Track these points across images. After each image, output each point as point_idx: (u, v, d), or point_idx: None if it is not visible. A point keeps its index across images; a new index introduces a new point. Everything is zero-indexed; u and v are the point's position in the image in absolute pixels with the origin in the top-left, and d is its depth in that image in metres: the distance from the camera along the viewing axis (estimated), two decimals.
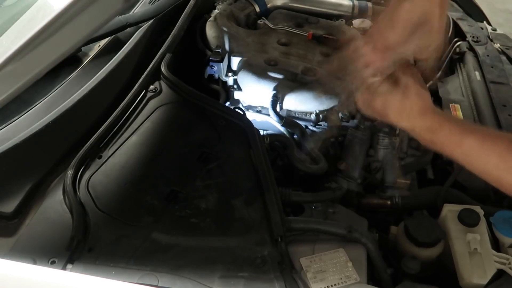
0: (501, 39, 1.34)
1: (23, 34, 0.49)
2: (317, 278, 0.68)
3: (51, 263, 0.65)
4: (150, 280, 0.64)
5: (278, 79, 1.06)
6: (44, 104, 0.89)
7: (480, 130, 0.64)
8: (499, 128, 0.99)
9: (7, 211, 0.72)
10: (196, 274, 0.65)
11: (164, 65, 0.96)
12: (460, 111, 1.07)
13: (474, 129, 0.62)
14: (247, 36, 1.17)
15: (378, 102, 0.65)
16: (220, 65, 1.09)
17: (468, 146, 0.59)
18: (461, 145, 0.59)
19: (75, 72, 0.98)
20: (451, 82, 1.20)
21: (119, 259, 0.67)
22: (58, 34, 0.49)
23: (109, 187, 0.77)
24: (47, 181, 0.78)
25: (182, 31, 1.09)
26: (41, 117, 0.83)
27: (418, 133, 0.64)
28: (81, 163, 0.78)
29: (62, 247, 0.67)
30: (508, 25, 2.79)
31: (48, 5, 0.52)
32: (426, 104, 0.64)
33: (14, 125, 0.84)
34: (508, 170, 0.56)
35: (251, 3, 1.30)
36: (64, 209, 0.72)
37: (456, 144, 0.60)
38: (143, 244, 0.69)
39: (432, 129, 0.62)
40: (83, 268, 0.65)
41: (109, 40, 1.08)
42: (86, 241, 0.69)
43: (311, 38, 1.18)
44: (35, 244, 0.69)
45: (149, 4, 1.20)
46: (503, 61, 1.24)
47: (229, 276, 0.66)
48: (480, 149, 0.58)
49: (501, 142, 0.57)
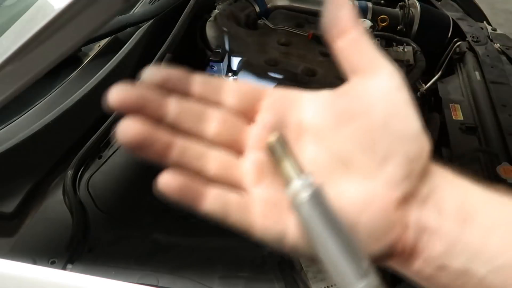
0: (501, 39, 1.34)
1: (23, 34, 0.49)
2: (317, 278, 0.68)
3: (51, 263, 0.65)
4: (150, 280, 0.64)
5: (278, 79, 1.06)
6: (44, 104, 0.89)
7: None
8: (499, 128, 0.99)
9: (7, 211, 0.71)
10: (196, 274, 0.65)
11: (164, 65, 0.96)
12: (460, 111, 1.07)
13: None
14: (247, 36, 1.17)
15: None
16: (220, 65, 1.09)
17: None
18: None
19: (75, 72, 0.98)
20: (451, 82, 1.20)
21: (119, 259, 0.67)
22: (58, 34, 0.49)
23: (109, 187, 0.77)
24: (47, 181, 0.78)
25: (182, 31, 1.09)
26: (41, 117, 0.83)
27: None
28: (81, 163, 0.78)
29: (62, 247, 0.67)
30: (508, 25, 2.79)
31: (48, 5, 0.52)
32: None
33: (14, 125, 0.84)
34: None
35: (251, 3, 1.30)
36: (64, 209, 0.72)
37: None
38: (143, 244, 0.69)
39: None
40: (83, 268, 0.65)
41: (109, 40, 1.07)
42: (86, 241, 0.69)
43: (311, 38, 1.18)
44: (35, 244, 0.69)
45: (149, 4, 1.20)
46: (503, 61, 1.23)
47: (229, 276, 0.66)
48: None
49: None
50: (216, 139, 0.28)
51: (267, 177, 0.27)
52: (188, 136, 0.27)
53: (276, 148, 0.26)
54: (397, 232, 0.26)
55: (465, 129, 1.00)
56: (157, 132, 0.26)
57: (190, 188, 0.26)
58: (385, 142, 0.26)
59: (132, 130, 0.26)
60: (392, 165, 0.26)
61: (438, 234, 0.26)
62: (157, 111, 0.26)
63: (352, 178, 0.26)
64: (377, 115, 0.26)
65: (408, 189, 0.26)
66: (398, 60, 1.16)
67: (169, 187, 0.26)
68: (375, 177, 0.26)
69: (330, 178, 0.27)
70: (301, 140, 0.28)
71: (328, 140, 0.27)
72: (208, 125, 0.27)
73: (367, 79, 0.27)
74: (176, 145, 0.26)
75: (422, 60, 1.17)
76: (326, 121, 0.27)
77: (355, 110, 0.27)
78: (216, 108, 0.28)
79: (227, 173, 0.27)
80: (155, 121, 0.26)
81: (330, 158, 0.27)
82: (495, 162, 0.88)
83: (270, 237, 0.27)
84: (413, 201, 0.26)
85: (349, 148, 0.27)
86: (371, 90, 0.27)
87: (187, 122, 0.27)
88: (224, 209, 0.27)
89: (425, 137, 0.26)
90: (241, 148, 0.28)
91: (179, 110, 0.27)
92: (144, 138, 0.26)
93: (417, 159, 0.26)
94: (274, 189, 0.27)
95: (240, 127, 0.28)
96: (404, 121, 0.26)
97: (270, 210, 0.27)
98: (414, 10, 1.30)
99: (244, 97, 0.28)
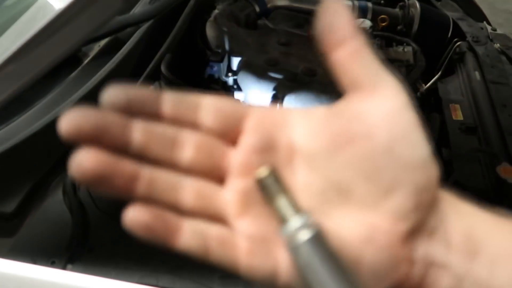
0: (501, 39, 1.34)
1: (23, 34, 0.49)
2: None
3: (51, 263, 0.65)
4: (150, 280, 0.64)
5: (278, 79, 1.06)
6: (44, 104, 0.89)
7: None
8: (499, 128, 0.99)
9: (7, 211, 0.71)
10: (196, 274, 0.65)
11: (164, 65, 0.96)
12: (460, 111, 1.07)
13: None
14: (247, 36, 1.17)
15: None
16: (220, 65, 1.09)
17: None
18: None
19: (75, 72, 0.98)
20: (451, 82, 1.20)
21: (119, 259, 0.67)
22: (58, 34, 0.49)
23: None
24: (47, 181, 0.78)
25: (182, 31, 1.09)
26: (41, 117, 0.83)
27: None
28: None
29: (62, 247, 0.67)
30: (508, 25, 2.79)
31: (48, 5, 0.52)
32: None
33: (14, 125, 0.84)
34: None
35: (251, 3, 1.30)
36: (64, 209, 0.72)
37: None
38: (143, 244, 0.69)
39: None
40: (83, 268, 0.65)
41: (109, 40, 1.07)
42: (86, 241, 0.69)
43: (311, 38, 1.18)
44: (35, 244, 0.69)
45: (149, 4, 1.20)
46: (503, 61, 1.23)
47: (229, 276, 0.66)
48: None
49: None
50: (192, 167, 0.24)
51: (252, 209, 0.24)
52: (159, 165, 0.23)
53: (268, 183, 0.23)
54: (404, 269, 0.23)
55: (465, 129, 1.00)
56: (118, 162, 0.22)
57: (162, 222, 0.23)
58: (390, 170, 0.23)
59: (88, 163, 0.23)
60: (398, 195, 0.23)
61: (446, 269, 0.23)
62: (120, 139, 0.23)
63: (352, 209, 0.23)
64: (380, 139, 0.23)
65: (416, 221, 0.23)
66: (398, 60, 1.16)
67: (137, 223, 0.23)
68: (379, 208, 0.23)
69: (325, 208, 0.24)
70: (292, 165, 0.24)
71: (324, 166, 0.24)
72: (181, 151, 0.24)
73: (368, 96, 0.24)
74: (142, 177, 0.23)
75: (422, 60, 1.18)
76: (321, 144, 0.24)
77: (354, 133, 0.23)
78: (191, 130, 0.24)
79: (206, 204, 0.24)
80: (117, 150, 0.23)
81: (326, 185, 0.24)
82: (495, 162, 0.88)
83: (258, 277, 0.24)
84: (420, 234, 0.23)
85: (348, 175, 0.23)
86: (373, 110, 0.23)
87: (156, 149, 0.23)
88: (203, 245, 0.23)
89: (434, 164, 0.24)
90: (222, 175, 0.24)
91: (146, 135, 0.23)
92: (102, 171, 0.22)
93: (426, 189, 0.23)
94: (261, 222, 0.24)
95: (220, 152, 0.24)
96: (410, 147, 0.23)
97: (257, 246, 0.23)
98: (414, 10, 1.30)
99: (224, 117, 0.24)
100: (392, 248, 0.23)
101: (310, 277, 0.22)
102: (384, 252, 0.23)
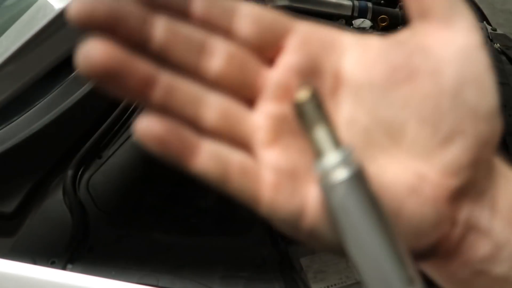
0: (501, 39, 1.34)
1: (23, 34, 0.49)
2: (317, 278, 0.68)
3: (51, 263, 0.65)
4: (150, 280, 0.64)
5: None
6: (44, 104, 0.89)
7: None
8: None
9: (7, 211, 0.72)
10: (196, 274, 0.65)
11: None
12: None
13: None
14: None
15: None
16: None
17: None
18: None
19: (75, 72, 0.98)
20: None
21: (119, 259, 0.67)
22: (58, 34, 0.49)
23: (109, 187, 0.77)
24: (47, 181, 0.78)
25: None
26: (41, 117, 0.83)
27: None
28: (81, 163, 0.78)
29: (62, 247, 0.67)
30: (508, 25, 2.79)
31: (48, 5, 0.52)
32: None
33: (14, 125, 0.84)
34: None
35: None
36: (64, 209, 0.73)
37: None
38: (143, 244, 0.69)
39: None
40: (83, 268, 0.65)
41: None
42: (86, 241, 0.69)
43: None
44: (35, 244, 0.69)
45: None
46: (503, 61, 1.23)
47: (229, 276, 0.66)
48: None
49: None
50: (220, 80, 0.20)
51: (283, 138, 0.20)
52: (180, 71, 0.19)
53: (307, 109, 0.20)
54: (445, 229, 0.21)
55: None
56: (134, 60, 0.18)
57: (179, 137, 0.19)
58: (453, 116, 0.20)
59: (98, 55, 0.18)
60: (457, 147, 0.20)
61: (488, 235, 0.21)
62: (138, 33, 0.19)
63: (400, 154, 0.20)
64: (448, 78, 0.20)
65: (469, 179, 0.20)
66: None
67: (150, 134, 0.19)
68: (432, 158, 0.20)
69: (369, 149, 0.20)
70: (336, 96, 0.21)
71: (374, 102, 0.20)
72: (209, 59, 0.20)
73: (439, 28, 0.20)
74: (161, 81, 0.19)
75: None
76: (374, 76, 0.20)
77: (417, 68, 0.20)
78: (224, 38, 0.20)
79: (231, 126, 0.20)
80: (133, 46, 0.19)
81: (373, 124, 0.20)
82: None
83: (281, 215, 0.20)
84: (468, 194, 0.21)
85: (402, 115, 0.20)
86: (444, 45, 0.20)
87: (180, 52, 0.19)
88: (222, 171, 0.20)
89: (499, 118, 0.21)
90: (253, 96, 0.20)
91: (170, 34, 0.19)
92: (114, 66, 0.18)
93: (487, 144, 0.21)
94: (292, 154, 0.20)
95: (255, 68, 0.20)
96: (480, 93, 0.20)
97: (284, 180, 0.20)
98: None
99: (264, 28, 0.20)
100: (438, 204, 0.20)
101: (343, 222, 0.19)
102: (429, 207, 0.20)
